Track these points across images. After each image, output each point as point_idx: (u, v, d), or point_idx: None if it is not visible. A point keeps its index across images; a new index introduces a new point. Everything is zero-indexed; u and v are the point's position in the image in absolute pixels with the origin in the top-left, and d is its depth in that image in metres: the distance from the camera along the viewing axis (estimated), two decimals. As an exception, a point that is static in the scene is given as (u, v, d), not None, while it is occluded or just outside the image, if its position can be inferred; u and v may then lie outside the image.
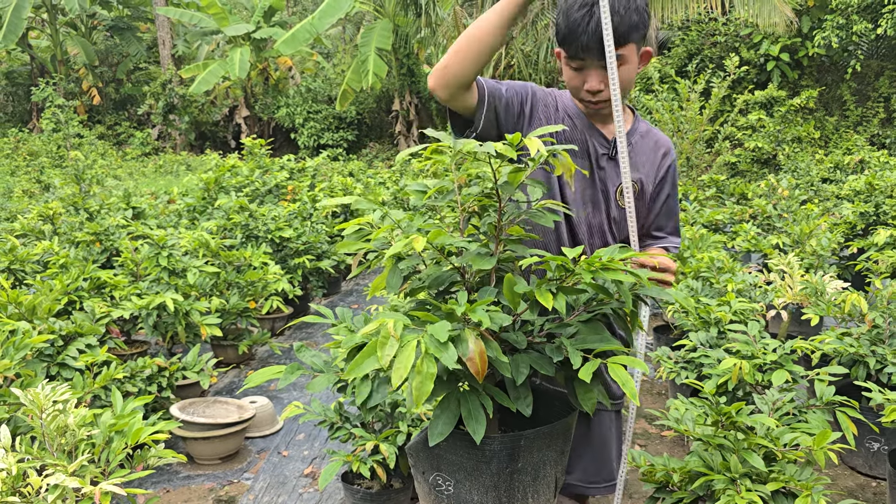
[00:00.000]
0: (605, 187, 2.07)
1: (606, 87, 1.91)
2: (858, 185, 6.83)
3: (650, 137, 2.14)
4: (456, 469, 1.66)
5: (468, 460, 1.64)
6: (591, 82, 1.92)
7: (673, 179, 2.18)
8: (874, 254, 5.00)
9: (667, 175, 2.15)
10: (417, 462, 1.73)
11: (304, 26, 17.64)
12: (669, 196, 2.18)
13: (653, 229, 2.21)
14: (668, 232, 2.23)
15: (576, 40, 1.85)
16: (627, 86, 1.96)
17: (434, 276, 1.71)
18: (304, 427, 4.34)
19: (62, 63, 23.06)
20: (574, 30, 1.84)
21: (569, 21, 1.85)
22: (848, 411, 2.64)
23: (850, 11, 11.80)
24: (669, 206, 2.20)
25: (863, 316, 3.91)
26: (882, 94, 13.06)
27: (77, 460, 2.15)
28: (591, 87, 1.92)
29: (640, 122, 2.16)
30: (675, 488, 2.46)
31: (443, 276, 1.70)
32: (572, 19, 1.84)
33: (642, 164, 2.10)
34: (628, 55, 1.89)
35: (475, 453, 1.62)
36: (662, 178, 2.14)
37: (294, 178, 9.00)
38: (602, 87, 1.92)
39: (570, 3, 1.87)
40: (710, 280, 4.56)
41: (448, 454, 1.66)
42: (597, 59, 1.87)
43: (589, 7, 1.82)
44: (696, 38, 14.48)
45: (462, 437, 1.58)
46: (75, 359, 3.48)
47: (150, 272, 4.71)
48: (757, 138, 10.74)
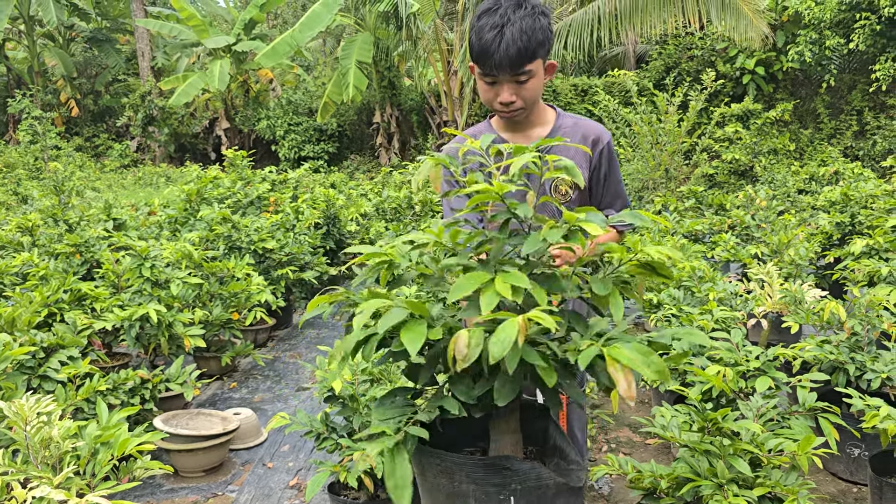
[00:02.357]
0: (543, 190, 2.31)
1: (517, 98, 2.17)
2: (834, 195, 6.94)
3: (577, 130, 2.33)
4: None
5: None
6: (504, 95, 2.16)
7: (610, 162, 2.36)
8: (851, 263, 5.08)
9: (601, 161, 2.34)
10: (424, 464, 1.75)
11: (284, 39, 17.63)
12: (608, 178, 2.37)
13: (604, 206, 2.41)
14: (618, 209, 2.41)
15: (489, 59, 2.08)
16: (537, 95, 2.22)
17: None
18: (289, 438, 4.32)
19: (39, 74, 22.85)
20: (486, 49, 2.07)
21: (481, 42, 2.08)
22: (830, 417, 2.68)
23: (822, 27, 12.03)
24: (612, 188, 2.39)
25: (841, 324, 3.97)
26: (854, 107, 13.30)
27: (62, 472, 2.12)
28: (503, 99, 2.17)
29: (565, 118, 2.36)
30: (663, 495, 2.48)
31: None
32: (484, 40, 2.07)
33: (572, 159, 2.27)
34: (536, 69, 2.14)
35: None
36: (597, 164, 2.34)
37: (276, 189, 8.97)
38: (514, 98, 2.16)
39: (481, 23, 2.10)
40: (691, 289, 4.61)
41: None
42: (508, 75, 2.11)
43: (499, 29, 2.05)
44: (673, 52, 14.68)
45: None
46: (57, 371, 3.44)
47: (132, 283, 4.67)
48: (734, 150, 10.90)
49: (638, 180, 9.63)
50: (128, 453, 2.33)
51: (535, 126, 2.33)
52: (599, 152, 2.32)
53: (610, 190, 2.38)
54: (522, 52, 2.06)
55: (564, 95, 16.58)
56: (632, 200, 9.36)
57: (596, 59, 19.12)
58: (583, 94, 16.56)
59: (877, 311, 3.72)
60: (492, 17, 2.08)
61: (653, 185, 9.40)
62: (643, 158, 9.64)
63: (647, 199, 9.17)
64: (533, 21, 2.07)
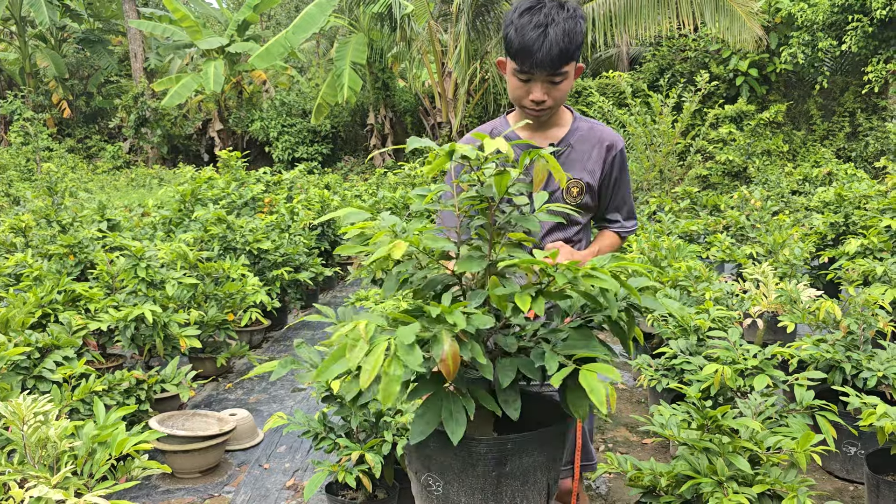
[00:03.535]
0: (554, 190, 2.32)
1: (548, 97, 2.18)
2: (828, 196, 6.96)
3: (593, 135, 2.35)
4: (445, 470, 1.66)
5: (456, 462, 1.64)
6: (536, 94, 2.17)
7: (620, 170, 2.39)
8: (846, 262, 5.09)
9: (612, 167, 2.36)
10: (411, 462, 1.73)
11: (278, 40, 17.60)
12: (618, 185, 2.40)
13: (607, 215, 2.46)
14: (623, 216, 2.46)
15: (530, 57, 2.09)
16: (566, 96, 2.25)
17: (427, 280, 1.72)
18: (286, 439, 4.30)
19: (31, 76, 22.75)
20: (528, 47, 2.08)
21: (524, 40, 2.08)
22: (828, 415, 2.69)
23: (815, 28, 12.08)
24: (620, 194, 2.42)
25: (837, 323, 3.98)
26: (847, 108, 13.37)
27: (60, 472, 2.11)
28: (535, 97, 2.17)
29: (581, 122, 2.37)
30: (662, 493, 2.48)
31: (436, 280, 1.71)
32: (527, 38, 2.08)
33: (586, 163, 2.33)
34: (570, 71, 2.17)
35: (462, 455, 1.63)
36: (608, 171, 2.36)
37: (270, 190, 8.96)
38: (545, 97, 2.18)
39: (523, 21, 2.10)
40: (687, 289, 4.61)
41: (437, 455, 1.67)
42: (545, 74, 2.13)
43: (543, 28, 2.07)
44: (667, 54, 14.72)
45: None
46: (52, 371, 3.42)
47: (126, 284, 4.65)
48: (728, 151, 10.93)
49: (632, 181, 9.65)
50: (125, 453, 2.32)
51: (554, 127, 2.35)
52: (612, 158, 2.35)
53: (618, 195, 2.42)
54: (564, 53, 2.08)
55: (558, 97, 16.55)
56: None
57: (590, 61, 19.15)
58: (577, 96, 16.59)
59: (872, 309, 3.73)
60: (535, 16, 2.09)
61: (647, 186, 9.41)
62: (637, 160, 9.66)
63: (641, 201, 9.18)
64: (574, 24, 2.10)
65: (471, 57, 14.16)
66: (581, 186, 2.33)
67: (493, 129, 2.40)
